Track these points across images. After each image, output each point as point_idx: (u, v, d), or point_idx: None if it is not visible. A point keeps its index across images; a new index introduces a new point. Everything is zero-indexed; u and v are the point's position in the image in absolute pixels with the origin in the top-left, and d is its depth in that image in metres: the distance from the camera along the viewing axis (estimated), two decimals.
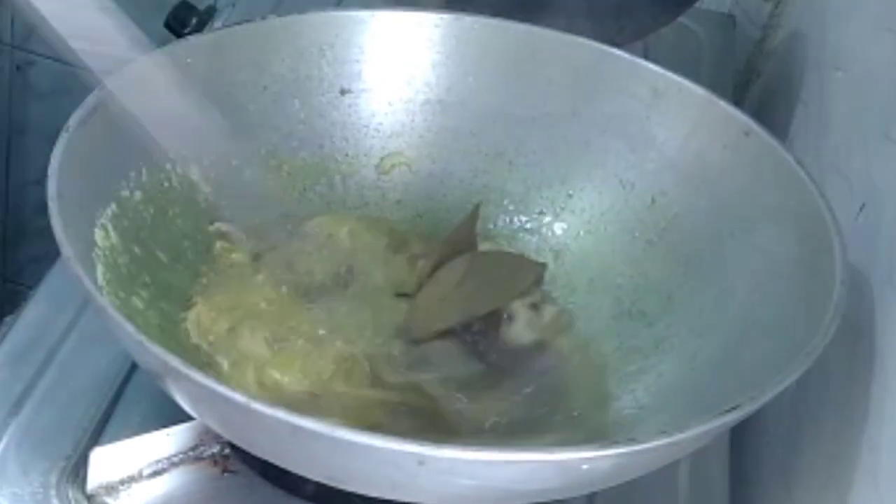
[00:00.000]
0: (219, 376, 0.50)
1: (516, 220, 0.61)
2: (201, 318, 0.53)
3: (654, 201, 0.58)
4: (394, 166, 0.62)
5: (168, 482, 0.50)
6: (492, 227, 0.61)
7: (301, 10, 0.59)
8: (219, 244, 0.56)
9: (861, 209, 0.54)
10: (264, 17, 0.59)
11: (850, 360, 0.50)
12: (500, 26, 0.61)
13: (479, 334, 0.55)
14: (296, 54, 0.60)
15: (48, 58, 1.16)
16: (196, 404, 0.43)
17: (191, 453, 0.51)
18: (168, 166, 0.54)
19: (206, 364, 0.51)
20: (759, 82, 0.90)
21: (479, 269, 0.57)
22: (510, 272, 0.58)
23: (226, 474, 0.51)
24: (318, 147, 0.61)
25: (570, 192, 0.61)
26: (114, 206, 0.50)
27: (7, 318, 0.58)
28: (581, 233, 0.60)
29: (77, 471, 0.51)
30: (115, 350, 0.56)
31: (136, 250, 0.51)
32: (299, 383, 0.51)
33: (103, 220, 0.49)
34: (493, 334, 0.55)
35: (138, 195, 0.52)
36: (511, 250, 0.60)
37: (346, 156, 0.61)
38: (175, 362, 0.39)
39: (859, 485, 0.46)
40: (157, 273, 0.52)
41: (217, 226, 0.56)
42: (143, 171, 0.53)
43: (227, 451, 0.51)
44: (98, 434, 0.53)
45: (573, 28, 0.61)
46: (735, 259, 0.53)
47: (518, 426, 0.51)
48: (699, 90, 0.57)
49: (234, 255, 0.56)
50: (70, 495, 0.50)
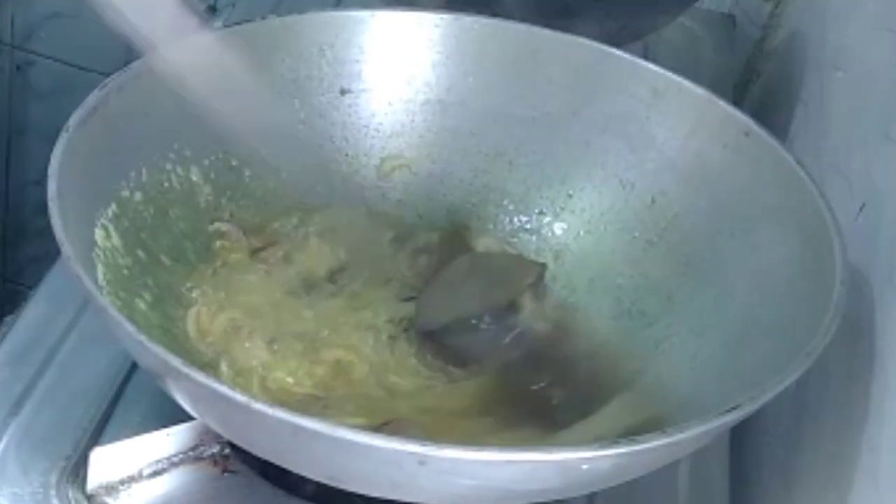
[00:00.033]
0: (218, 376, 0.50)
1: (516, 220, 0.61)
2: (200, 318, 0.53)
3: (654, 201, 0.58)
4: (394, 169, 0.62)
5: (168, 482, 0.50)
6: (492, 227, 0.61)
7: (301, 10, 0.59)
8: (218, 243, 0.56)
9: (861, 209, 0.54)
10: (264, 17, 0.59)
11: (850, 360, 0.50)
12: (500, 26, 0.61)
13: (492, 324, 0.55)
14: (296, 54, 0.60)
15: (48, 58, 1.16)
16: (196, 404, 0.43)
17: (191, 453, 0.51)
18: (168, 166, 0.54)
19: (206, 364, 0.51)
20: (759, 82, 0.90)
21: (481, 267, 0.58)
22: (511, 271, 0.58)
23: (226, 474, 0.51)
24: (318, 147, 0.61)
25: (570, 192, 0.61)
26: (114, 206, 0.50)
27: (7, 318, 0.58)
28: (581, 233, 0.60)
29: (77, 471, 0.51)
30: (115, 350, 0.56)
31: (140, 254, 0.51)
32: (301, 385, 0.51)
33: (103, 220, 0.49)
34: (508, 322, 0.55)
35: (138, 195, 0.52)
36: (511, 250, 0.60)
37: (346, 156, 0.61)
38: (175, 362, 0.39)
39: (859, 485, 0.46)
40: (159, 275, 0.52)
41: (217, 226, 0.56)
42: (143, 171, 0.53)
43: (227, 451, 0.51)
44: (98, 434, 0.53)
45: (573, 28, 0.61)
46: (735, 259, 0.53)
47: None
48: (699, 90, 0.57)
49: (233, 255, 0.56)
50: (70, 495, 0.50)
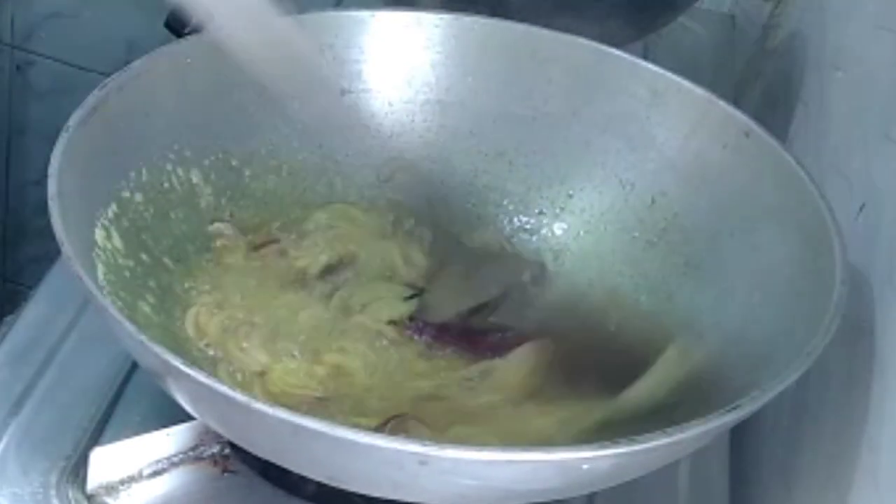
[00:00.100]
0: (217, 376, 0.50)
1: (516, 220, 0.61)
2: (199, 318, 0.52)
3: (654, 201, 0.58)
4: (394, 169, 0.62)
5: (168, 482, 0.50)
6: (492, 227, 0.61)
7: (301, 10, 0.59)
8: (218, 243, 0.56)
9: (861, 209, 0.54)
10: None
11: (850, 360, 0.50)
12: (500, 26, 0.61)
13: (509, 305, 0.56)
14: None
15: (48, 58, 1.16)
16: (196, 404, 0.43)
17: (191, 453, 0.51)
18: (168, 167, 0.54)
19: (205, 364, 0.51)
20: (759, 82, 0.90)
21: (483, 262, 0.58)
22: (512, 265, 0.59)
23: (226, 474, 0.51)
24: (317, 147, 0.61)
25: (570, 192, 0.61)
26: (114, 206, 0.50)
27: (7, 318, 0.58)
28: (581, 233, 0.60)
29: (77, 471, 0.51)
30: (115, 350, 0.56)
31: (143, 256, 0.51)
32: (301, 385, 0.51)
33: (104, 221, 0.49)
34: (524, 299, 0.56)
35: (139, 196, 0.52)
36: (511, 250, 0.60)
37: (346, 156, 0.61)
38: (175, 362, 0.39)
39: (859, 485, 0.46)
40: (160, 276, 0.52)
41: (216, 226, 0.56)
42: (143, 171, 0.53)
43: (227, 451, 0.51)
44: (98, 434, 0.53)
45: (573, 28, 0.61)
46: (735, 259, 0.53)
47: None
48: (699, 90, 0.57)
49: (232, 255, 0.56)
50: (70, 495, 0.50)
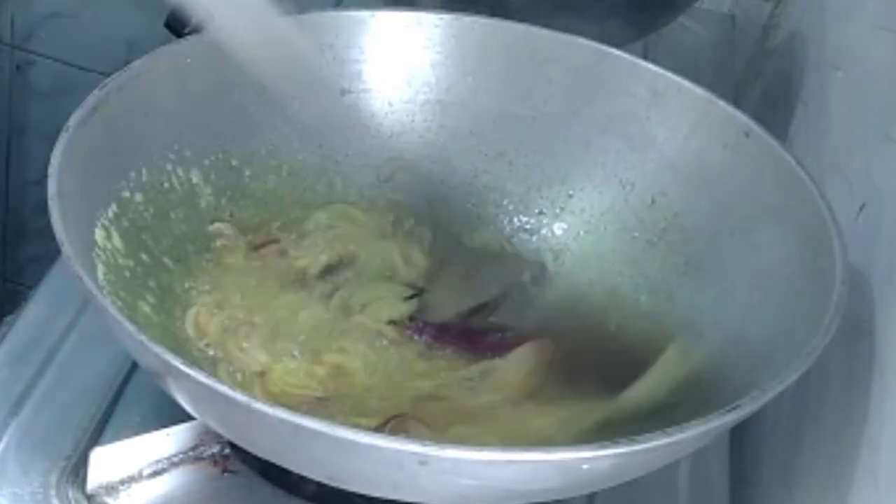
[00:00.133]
0: (217, 376, 0.50)
1: (516, 220, 0.61)
2: (199, 318, 0.52)
3: (654, 201, 0.58)
4: (394, 172, 0.62)
5: (168, 482, 0.50)
6: (492, 227, 0.61)
7: (301, 10, 0.59)
8: (218, 243, 0.56)
9: (861, 209, 0.54)
10: None
11: (850, 360, 0.50)
12: (500, 26, 0.61)
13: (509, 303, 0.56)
14: None
15: (48, 58, 1.16)
16: (196, 404, 0.43)
17: (191, 453, 0.51)
18: (168, 167, 0.54)
19: (205, 364, 0.51)
20: (759, 82, 0.90)
21: (483, 262, 0.58)
22: (512, 264, 0.59)
23: (226, 474, 0.51)
24: (317, 147, 0.61)
25: (570, 192, 0.61)
26: (114, 206, 0.50)
27: (7, 318, 0.58)
28: (581, 233, 0.60)
29: (77, 471, 0.51)
30: (115, 350, 0.56)
31: (143, 256, 0.51)
32: (302, 385, 0.51)
33: (104, 221, 0.49)
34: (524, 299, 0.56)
35: (139, 196, 0.52)
36: (511, 250, 0.60)
37: (346, 156, 0.61)
38: (176, 362, 0.39)
39: (859, 485, 0.46)
40: (160, 276, 0.52)
41: (216, 226, 0.56)
42: (143, 171, 0.53)
43: (227, 451, 0.51)
44: (98, 434, 0.53)
45: (573, 28, 0.61)
46: (735, 259, 0.53)
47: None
48: (699, 90, 0.57)
49: (232, 255, 0.56)
50: (70, 495, 0.49)
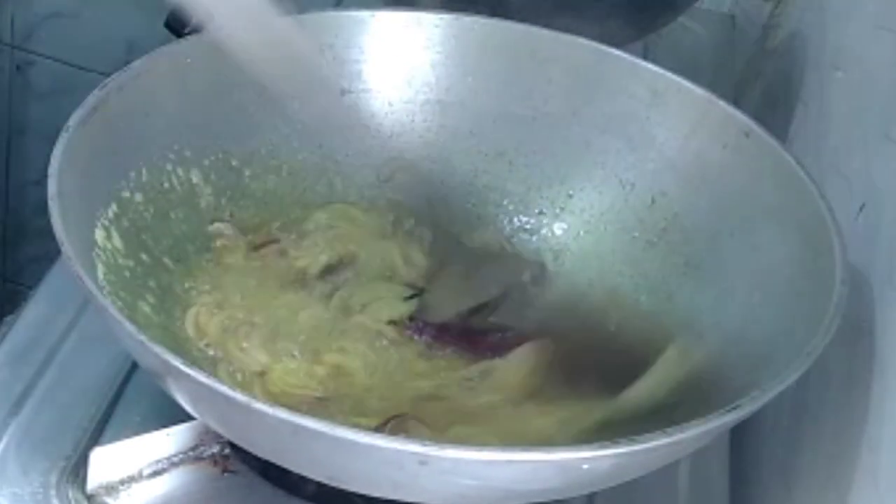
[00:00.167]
0: (217, 376, 0.50)
1: (516, 220, 0.61)
2: (199, 318, 0.52)
3: (654, 201, 0.58)
4: (394, 172, 0.62)
5: (168, 482, 0.50)
6: (492, 227, 0.61)
7: (301, 10, 0.59)
8: (218, 243, 0.56)
9: (861, 209, 0.54)
10: None
11: (850, 360, 0.50)
12: (500, 26, 0.61)
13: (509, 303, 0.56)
14: None
15: (48, 58, 1.16)
16: (196, 404, 0.43)
17: (191, 453, 0.51)
18: (168, 167, 0.54)
19: (206, 364, 0.51)
20: (759, 82, 0.90)
21: (483, 262, 0.58)
22: (512, 264, 0.59)
23: (226, 474, 0.51)
24: (317, 147, 0.61)
25: (570, 192, 0.61)
26: (114, 206, 0.50)
27: (7, 318, 0.58)
28: (581, 233, 0.60)
29: (77, 471, 0.51)
30: (115, 350, 0.56)
31: (143, 256, 0.51)
32: (302, 385, 0.51)
33: (104, 221, 0.49)
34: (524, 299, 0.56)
35: (139, 196, 0.52)
36: (511, 250, 0.60)
37: (346, 156, 0.61)
38: (176, 362, 0.39)
39: (859, 485, 0.46)
40: (161, 276, 0.52)
41: (216, 226, 0.56)
42: (143, 171, 0.53)
43: (227, 451, 0.51)
44: (98, 434, 0.53)
45: (573, 28, 0.61)
46: (735, 259, 0.53)
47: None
48: (699, 90, 0.57)
49: (232, 255, 0.56)
50: (70, 495, 0.49)
